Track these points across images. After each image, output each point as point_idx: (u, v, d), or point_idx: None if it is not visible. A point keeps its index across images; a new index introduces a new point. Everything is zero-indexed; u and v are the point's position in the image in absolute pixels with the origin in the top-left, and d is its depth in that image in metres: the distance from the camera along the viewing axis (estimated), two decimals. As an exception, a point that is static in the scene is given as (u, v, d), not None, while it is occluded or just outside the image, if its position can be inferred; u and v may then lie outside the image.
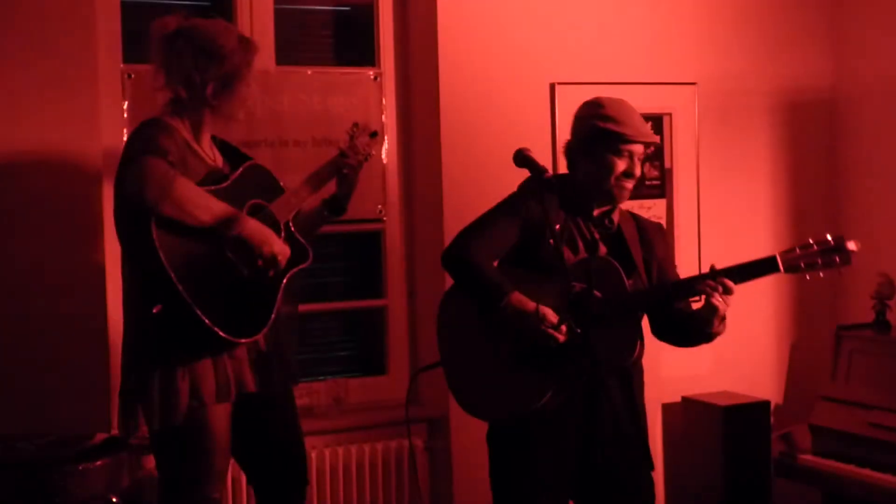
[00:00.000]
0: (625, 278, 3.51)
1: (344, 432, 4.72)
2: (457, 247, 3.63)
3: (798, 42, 5.56)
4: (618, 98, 3.67)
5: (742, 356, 5.44)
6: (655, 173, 5.22)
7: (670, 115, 5.24)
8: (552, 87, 4.89)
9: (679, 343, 3.74)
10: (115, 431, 4.09)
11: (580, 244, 3.60)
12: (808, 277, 3.53)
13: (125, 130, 4.37)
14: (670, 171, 5.25)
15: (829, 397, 5.00)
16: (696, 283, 3.49)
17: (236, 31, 3.62)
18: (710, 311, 3.47)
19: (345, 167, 3.81)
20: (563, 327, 3.40)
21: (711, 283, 3.46)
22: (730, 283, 3.47)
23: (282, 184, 3.74)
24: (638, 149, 3.58)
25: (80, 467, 3.52)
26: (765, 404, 5.11)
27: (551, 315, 3.42)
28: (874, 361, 4.92)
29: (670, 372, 5.16)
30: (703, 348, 5.23)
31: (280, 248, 3.47)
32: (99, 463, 3.59)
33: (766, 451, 5.00)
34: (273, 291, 3.51)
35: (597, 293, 3.22)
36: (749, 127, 5.46)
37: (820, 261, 3.46)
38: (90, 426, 3.96)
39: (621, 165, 3.56)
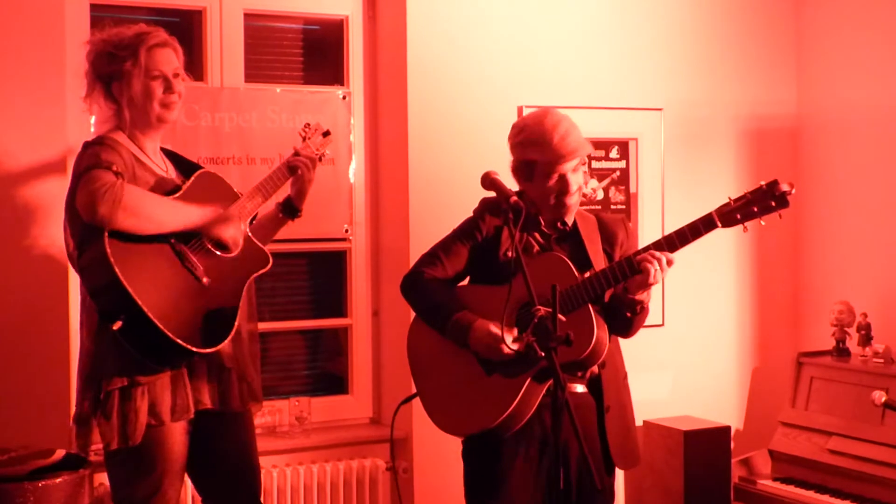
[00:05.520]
0: (575, 270, 3.51)
1: (307, 451, 4.71)
2: (410, 276, 3.73)
3: (763, 70, 5.62)
4: (541, 113, 3.67)
5: (704, 381, 5.47)
6: (621, 198, 5.25)
7: (636, 140, 5.28)
8: (520, 110, 4.91)
9: (618, 331, 3.65)
10: (74, 448, 4.08)
11: (535, 250, 3.64)
12: (745, 230, 3.46)
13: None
14: (636, 195, 5.28)
15: (789, 423, 5.03)
16: (636, 256, 3.45)
17: (138, 27, 3.56)
18: (642, 281, 3.44)
19: (298, 167, 3.77)
20: (512, 338, 3.43)
21: (653, 252, 3.42)
22: (670, 256, 3.42)
23: (236, 190, 3.71)
24: (567, 166, 3.58)
25: (41, 483, 3.48)
26: (725, 429, 5.13)
27: (492, 330, 3.46)
28: (834, 388, 4.96)
29: (632, 396, 5.17)
30: (666, 373, 5.32)
31: (232, 234, 3.52)
32: (59, 479, 3.55)
33: (726, 476, 5.02)
34: (234, 298, 3.50)
35: (561, 317, 3.22)
36: (714, 153, 5.51)
37: (756, 208, 3.42)
38: (51, 442, 3.93)
39: (555, 187, 3.59)
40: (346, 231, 4.95)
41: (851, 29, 5.46)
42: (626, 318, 3.56)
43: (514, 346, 3.40)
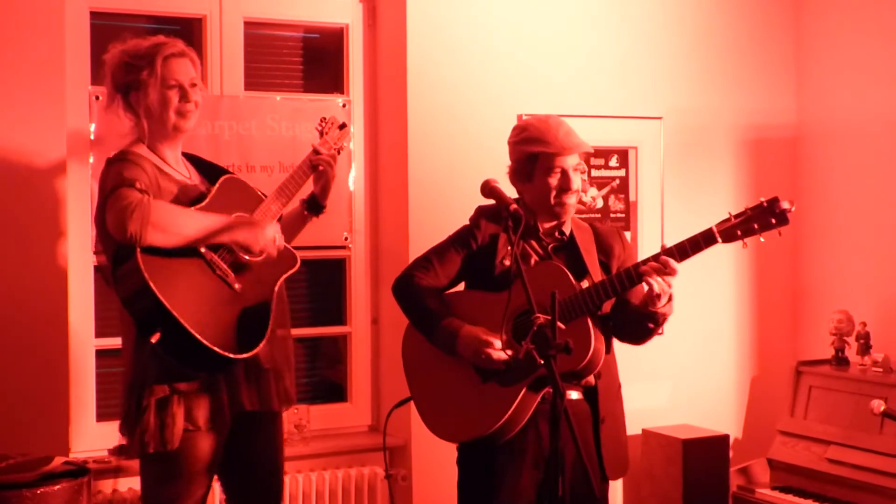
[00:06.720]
0: (573, 280, 3.52)
1: (305, 459, 4.70)
2: (402, 278, 3.74)
3: (763, 79, 5.63)
4: (544, 115, 3.73)
5: (702, 390, 5.47)
6: (621, 206, 5.25)
7: (636, 148, 5.29)
8: (519, 118, 4.91)
9: (633, 339, 3.68)
10: (73, 455, 4.07)
11: (533, 259, 3.64)
12: (745, 246, 3.45)
13: (91, 153, 4.36)
14: (635, 203, 5.28)
15: (787, 432, 5.03)
16: (637, 269, 3.45)
17: (156, 38, 3.61)
18: (650, 294, 3.43)
19: (319, 163, 3.81)
20: (502, 344, 3.41)
21: (654, 264, 3.42)
22: (671, 263, 3.40)
23: (260, 193, 3.74)
24: (568, 162, 3.61)
25: (39, 491, 3.49)
26: (724, 438, 5.13)
27: (481, 337, 3.47)
28: (832, 397, 4.96)
29: (631, 404, 5.12)
30: (665, 381, 5.32)
31: (267, 239, 3.52)
32: (57, 487, 3.55)
33: (725, 484, 5.02)
34: (266, 301, 3.53)
35: (560, 325, 3.22)
36: (714, 162, 5.52)
37: (756, 225, 3.40)
38: (50, 448, 3.93)
39: (555, 182, 3.60)
40: (346, 239, 4.96)
41: (851, 38, 5.47)
42: (647, 329, 3.56)
43: (509, 353, 3.40)
